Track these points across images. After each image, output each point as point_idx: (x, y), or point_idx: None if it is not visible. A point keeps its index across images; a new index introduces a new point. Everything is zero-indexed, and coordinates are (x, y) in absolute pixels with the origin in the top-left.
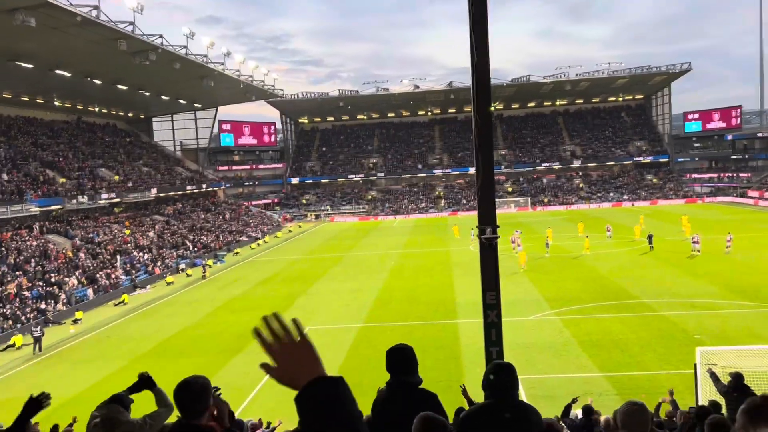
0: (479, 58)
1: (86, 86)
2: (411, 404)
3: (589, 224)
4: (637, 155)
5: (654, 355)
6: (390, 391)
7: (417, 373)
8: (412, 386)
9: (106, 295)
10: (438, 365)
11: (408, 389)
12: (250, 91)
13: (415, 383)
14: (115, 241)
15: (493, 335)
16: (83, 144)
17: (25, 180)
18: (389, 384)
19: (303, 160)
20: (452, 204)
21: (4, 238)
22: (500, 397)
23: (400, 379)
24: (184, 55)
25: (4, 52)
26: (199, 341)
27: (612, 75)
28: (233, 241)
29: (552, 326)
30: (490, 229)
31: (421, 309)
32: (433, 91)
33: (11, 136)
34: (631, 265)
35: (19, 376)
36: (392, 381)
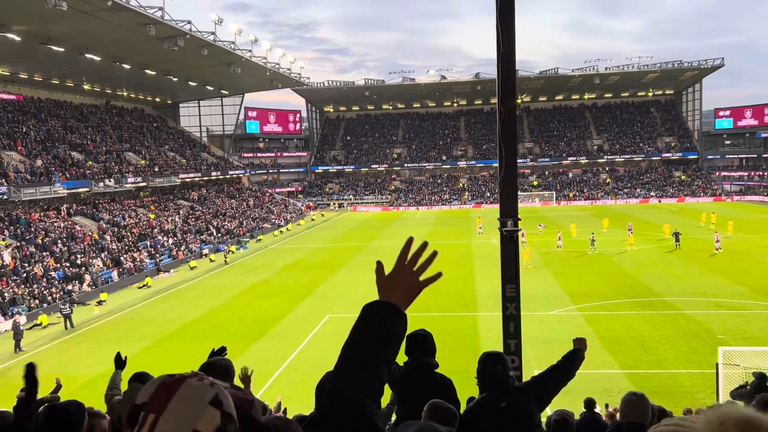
0: (505, 50)
1: (115, 70)
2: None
3: (615, 220)
4: (666, 151)
5: (676, 354)
6: (408, 369)
7: (434, 357)
8: (430, 367)
9: (130, 278)
10: (456, 356)
11: (425, 369)
12: (277, 78)
13: (432, 365)
14: (140, 224)
15: (512, 328)
16: (111, 128)
17: (54, 162)
18: (407, 363)
19: (327, 148)
20: (476, 196)
21: (33, 218)
22: (494, 386)
23: (419, 359)
24: (212, 42)
25: (37, 35)
26: (221, 326)
27: (642, 69)
28: (256, 228)
29: (573, 321)
30: (511, 222)
31: (442, 300)
32: (459, 81)
33: (41, 118)
34: (657, 262)
35: (46, 353)
36: (411, 360)
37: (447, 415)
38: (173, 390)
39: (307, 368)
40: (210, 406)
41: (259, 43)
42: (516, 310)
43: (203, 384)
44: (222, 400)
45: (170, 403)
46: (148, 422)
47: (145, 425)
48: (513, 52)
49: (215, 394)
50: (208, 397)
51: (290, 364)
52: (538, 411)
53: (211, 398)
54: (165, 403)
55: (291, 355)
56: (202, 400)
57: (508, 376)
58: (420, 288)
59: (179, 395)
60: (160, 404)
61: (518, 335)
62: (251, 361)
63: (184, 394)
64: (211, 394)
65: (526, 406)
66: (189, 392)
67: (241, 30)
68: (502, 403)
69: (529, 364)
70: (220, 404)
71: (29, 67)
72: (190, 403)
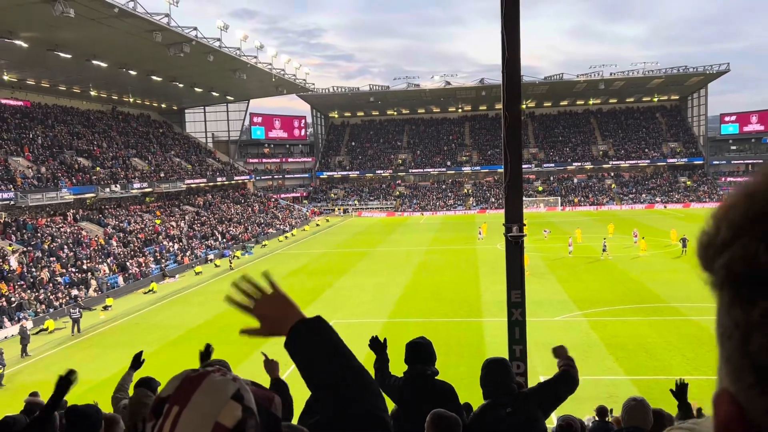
0: (510, 55)
1: (121, 77)
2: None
3: (620, 226)
4: (671, 157)
5: (682, 360)
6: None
7: (434, 365)
8: (429, 376)
9: (136, 283)
10: (462, 362)
11: (425, 378)
12: (282, 84)
13: (432, 373)
14: (146, 230)
15: (517, 333)
16: (117, 134)
17: (60, 168)
18: (406, 373)
19: (332, 154)
20: (480, 202)
21: (40, 224)
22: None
23: (417, 368)
24: (218, 48)
25: (44, 42)
26: (226, 330)
27: (647, 75)
28: (261, 233)
29: (578, 327)
30: (516, 227)
31: (446, 306)
32: (464, 87)
33: (48, 125)
34: (663, 268)
35: (52, 358)
36: (410, 370)
37: (450, 424)
38: (197, 384)
39: None
40: (232, 400)
41: (264, 49)
42: (521, 315)
43: (226, 379)
44: (243, 395)
45: (193, 396)
46: (172, 414)
47: (169, 417)
48: (518, 57)
49: (237, 388)
50: (230, 391)
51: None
52: (543, 417)
53: (233, 393)
54: (189, 396)
55: None
56: (225, 394)
57: (512, 382)
58: (280, 293)
59: (202, 389)
60: (184, 397)
61: (523, 341)
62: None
63: (207, 388)
64: (233, 389)
65: (531, 412)
66: (212, 386)
67: (246, 36)
68: (507, 409)
69: (534, 370)
70: (241, 399)
71: (37, 74)
72: (213, 397)
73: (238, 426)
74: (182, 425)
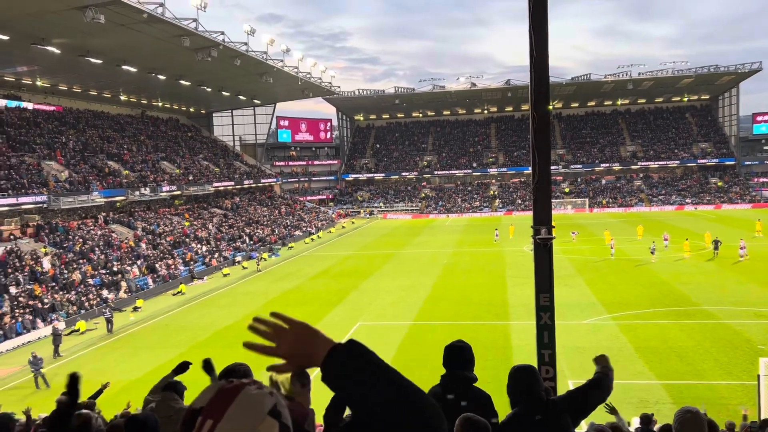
0: (538, 55)
1: (151, 81)
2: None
3: (649, 228)
4: (702, 157)
5: (714, 365)
6: (444, 384)
7: (473, 371)
8: (468, 382)
9: (165, 285)
10: (488, 365)
11: (463, 385)
12: (308, 88)
13: (471, 379)
14: (175, 232)
15: (546, 338)
16: (147, 137)
17: (91, 171)
18: (444, 377)
19: (358, 156)
20: (507, 204)
21: (71, 226)
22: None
23: (456, 373)
24: (245, 52)
25: (76, 48)
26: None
27: (677, 74)
28: (288, 236)
29: (608, 331)
30: (545, 230)
31: (473, 309)
32: (490, 89)
33: (80, 129)
34: (694, 270)
35: (83, 359)
36: (448, 374)
37: (479, 429)
38: (232, 396)
39: None
40: (269, 416)
41: (290, 53)
42: (550, 319)
43: (262, 393)
44: (281, 411)
45: (229, 410)
46: (206, 427)
47: (203, 430)
48: (546, 57)
49: (274, 404)
50: (267, 406)
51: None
52: (573, 425)
53: (270, 408)
54: (223, 410)
55: None
56: (262, 410)
57: (541, 389)
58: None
59: (238, 402)
60: (218, 410)
61: (552, 345)
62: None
63: (243, 402)
64: (270, 404)
65: (561, 419)
66: (248, 400)
67: (273, 40)
68: (536, 416)
69: (563, 374)
70: (278, 415)
71: (69, 79)
72: (249, 412)
73: None
74: None
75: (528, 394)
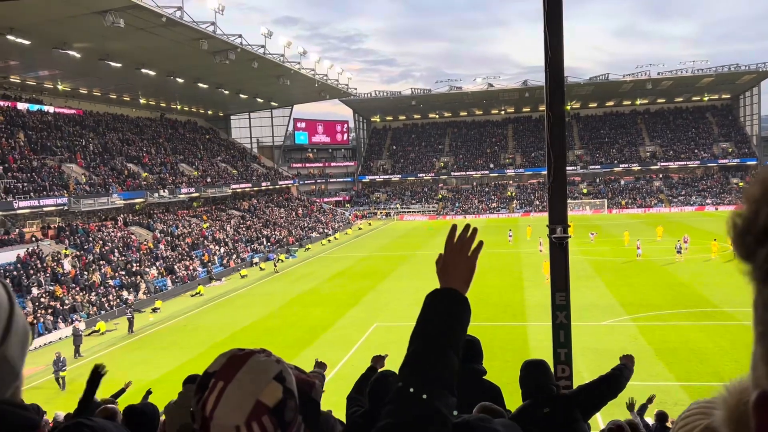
0: (553, 55)
1: (169, 84)
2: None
3: (669, 229)
4: (723, 157)
5: (735, 366)
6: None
7: (482, 364)
8: (478, 374)
9: (183, 286)
10: (506, 366)
11: (473, 377)
12: (325, 90)
13: (480, 372)
14: (193, 234)
15: (562, 337)
16: (165, 140)
17: (111, 174)
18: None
19: (374, 158)
20: (524, 204)
21: (91, 228)
22: (536, 394)
23: (466, 366)
24: (262, 55)
25: (96, 52)
26: (271, 333)
27: (696, 74)
28: (305, 237)
29: (626, 332)
30: (560, 229)
31: (490, 310)
32: (507, 89)
33: (99, 132)
34: (714, 271)
35: (103, 359)
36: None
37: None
38: (242, 362)
39: (355, 377)
40: (274, 381)
41: (307, 55)
42: (566, 318)
43: (270, 360)
44: (285, 377)
45: (238, 374)
46: (217, 388)
47: (215, 391)
48: (561, 56)
49: (280, 370)
50: (273, 372)
51: (338, 372)
52: (584, 419)
53: (275, 374)
54: (233, 373)
55: (339, 363)
56: (267, 374)
57: (551, 383)
58: (472, 265)
59: (247, 367)
60: (229, 374)
61: (568, 344)
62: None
63: (251, 367)
64: (276, 370)
65: (570, 413)
66: (256, 365)
67: (290, 43)
68: (545, 409)
69: (580, 375)
70: (283, 380)
71: (89, 83)
72: (256, 376)
73: (278, 406)
74: (225, 400)
75: (537, 388)
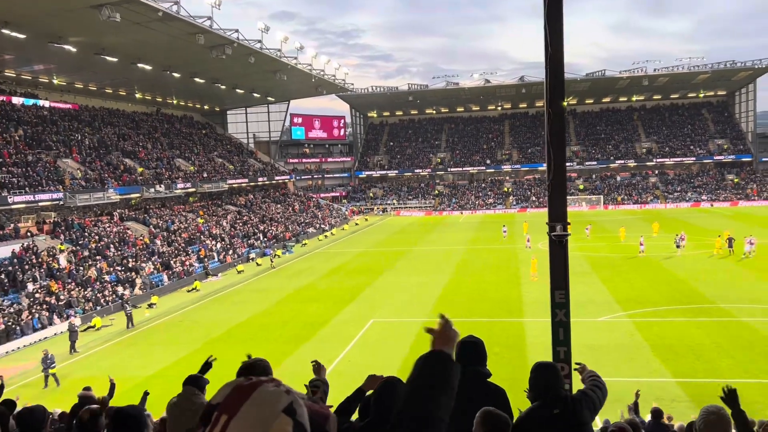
0: (554, 51)
1: (166, 79)
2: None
3: (665, 225)
4: (718, 154)
5: (731, 362)
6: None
7: (486, 366)
8: (482, 377)
9: (180, 281)
10: (503, 362)
11: (477, 380)
12: (322, 85)
13: (485, 374)
14: (190, 229)
15: (561, 335)
16: (162, 135)
17: (107, 169)
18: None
19: (371, 153)
20: (521, 200)
21: (87, 224)
22: (546, 395)
23: (469, 368)
24: (259, 50)
25: (91, 46)
26: (267, 329)
27: (692, 70)
28: (302, 232)
29: (623, 328)
30: (560, 226)
31: (487, 306)
32: (504, 85)
33: (95, 127)
34: (710, 268)
35: (99, 355)
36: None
37: (499, 422)
38: (247, 393)
39: (352, 372)
40: (283, 414)
41: (304, 50)
42: (566, 316)
43: (279, 390)
44: (296, 409)
45: (243, 406)
46: (220, 423)
47: (218, 425)
48: (561, 53)
49: (290, 402)
50: (282, 404)
51: (335, 368)
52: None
53: (285, 406)
54: (238, 406)
55: (336, 359)
56: (276, 407)
57: (562, 386)
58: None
59: (253, 399)
60: (233, 406)
61: (568, 342)
62: (299, 363)
63: (258, 399)
64: (286, 402)
65: (579, 414)
66: (263, 397)
67: (287, 38)
68: (554, 410)
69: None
70: (293, 413)
71: (85, 77)
72: (264, 408)
73: None
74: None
75: (547, 389)
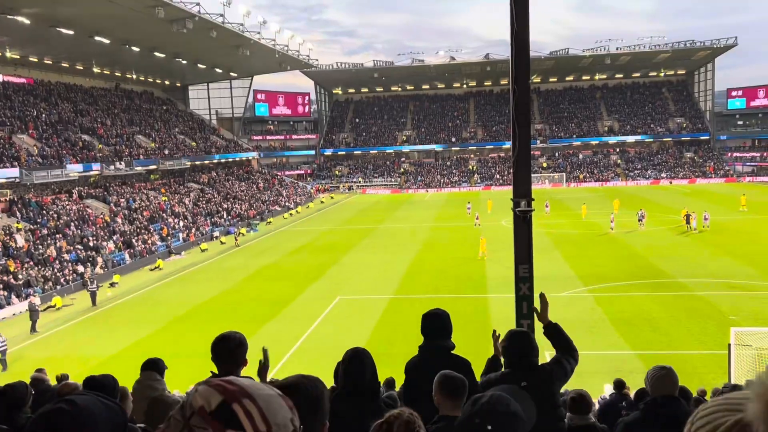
0: (519, 28)
1: (124, 53)
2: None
3: (626, 202)
4: (677, 132)
5: (687, 335)
6: (423, 355)
7: (450, 339)
8: (446, 350)
9: (142, 260)
10: (467, 338)
11: (441, 353)
12: (285, 61)
13: (449, 347)
14: (151, 207)
15: (525, 308)
16: (121, 111)
17: (65, 145)
18: (422, 347)
19: (336, 131)
20: (485, 179)
21: (45, 202)
22: (516, 363)
23: (434, 343)
24: (221, 24)
25: (46, 18)
26: (232, 307)
27: (654, 49)
28: (266, 211)
29: (584, 303)
30: (524, 202)
31: (451, 282)
32: (469, 63)
33: (52, 102)
34: (668, 243)
35: (59, 335)
36: (426, 344)
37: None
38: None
39: (319, 349)
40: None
41: (267, 25)
42: (529, 290)
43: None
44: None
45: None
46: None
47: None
48: (527, 30)
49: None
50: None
51: (301, 345)
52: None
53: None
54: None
55: (302, 336)
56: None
57: (534, 357)
58: None
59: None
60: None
61: (531, 315)
62: (264, 342)
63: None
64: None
65: (548, 385)
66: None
67: (249, 12)
68: (522, 383)
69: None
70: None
71: (39, 50)
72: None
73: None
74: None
75: (521, 357)
